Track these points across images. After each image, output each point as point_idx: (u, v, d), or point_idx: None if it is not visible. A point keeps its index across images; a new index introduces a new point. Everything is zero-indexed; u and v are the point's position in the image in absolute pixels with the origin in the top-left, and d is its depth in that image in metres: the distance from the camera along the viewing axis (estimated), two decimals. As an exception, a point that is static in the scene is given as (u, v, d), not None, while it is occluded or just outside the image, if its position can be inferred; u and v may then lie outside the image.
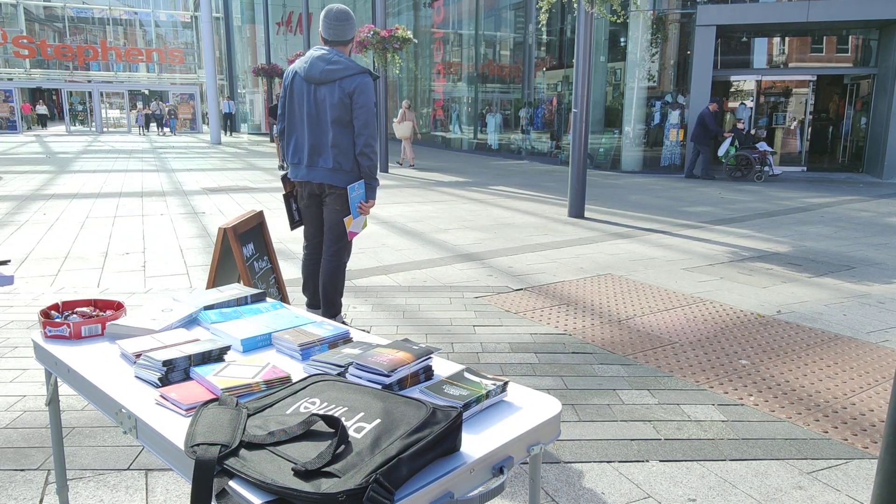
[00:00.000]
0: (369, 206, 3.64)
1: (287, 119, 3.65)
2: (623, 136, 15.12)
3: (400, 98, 27.84)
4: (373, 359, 1.43)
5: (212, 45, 25.32)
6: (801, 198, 10.51)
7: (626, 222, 8.08)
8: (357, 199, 3.58)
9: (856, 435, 2.74)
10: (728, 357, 3.61)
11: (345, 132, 3.49)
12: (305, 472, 1.01)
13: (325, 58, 3.47)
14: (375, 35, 12.80)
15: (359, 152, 3.51)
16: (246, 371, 1.46)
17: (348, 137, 3.50)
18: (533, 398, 1.42)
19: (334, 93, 3.43)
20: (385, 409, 1.18)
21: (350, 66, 3.45)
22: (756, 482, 2.37)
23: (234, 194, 10.26)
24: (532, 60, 18.81)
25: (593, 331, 4.02)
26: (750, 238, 7.07)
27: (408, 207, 9.15)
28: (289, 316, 1.87)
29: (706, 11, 13.42)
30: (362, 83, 3.43)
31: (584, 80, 8.18)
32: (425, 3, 24.94)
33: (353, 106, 3.45)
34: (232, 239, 3.13)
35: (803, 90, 15.19)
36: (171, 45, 39.24)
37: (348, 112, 3.46)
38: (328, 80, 3.43)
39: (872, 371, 3.43)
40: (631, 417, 2.88)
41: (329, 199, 3.60)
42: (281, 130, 3.70)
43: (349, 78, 3.43)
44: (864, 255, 6.20)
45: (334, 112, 3.44)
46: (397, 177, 13.33)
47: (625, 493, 2.30)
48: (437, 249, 6.40)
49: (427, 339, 3.83)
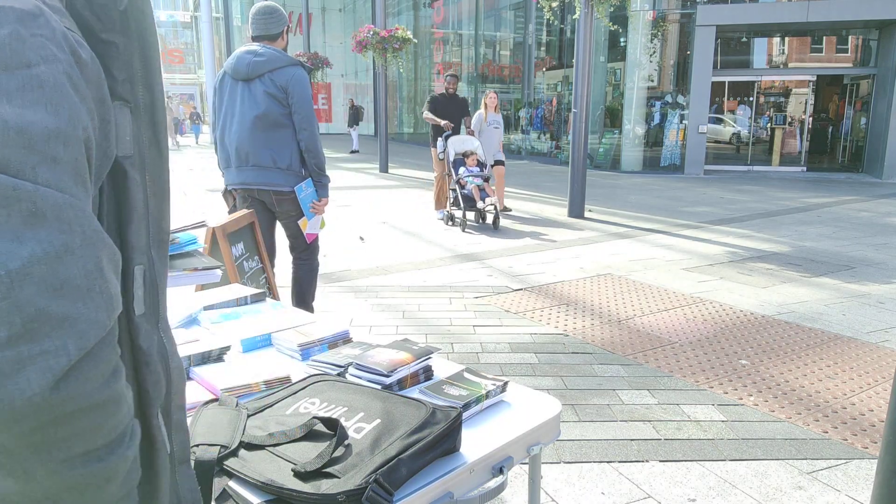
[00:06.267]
0: (323, 205, 3.41)
1: (219, 123, 3.38)
2: (623, 136, 15.12)
3: (400, 98, 27.80)
4: (373, 359, 1.43)
5: (212, 45, 25.32)
6: (801, 198, 10.51)
7: (626, 222, 8.08)
8: (308, 198, 3.35)
9: (856, 435, 2.74)
10: (728, 357, 3.60)
11: (281, 128, 3.25)
12: (305, 472, 1.01)
13: (251, 51, 3.24)
14: (375, 35, 12.80)
15: (304, 149, 3.26)
16: (246, 371, 1.46)
17: (284, 133, 3.26)
18: (533, 398, 1.42)
19: (266, 87, 3.19)
20: (385, 410, 1.18)
21: (277, 58, 3.20)
22: (756, 482, 2.37)
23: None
24: (532, 60, 18.82)
25: (593, 331, 4.02)
26: (750, 238, 7.07)
27: (408, 207, 9.15)
28: (288, 316, 1.86)
29: (706, 11, 13.42)
30: (296, 75, 3.20)
31: (584, 80, 8.18)
32: (425, 3, 24.94)
33: (289, 101, 3.21)
34: (220, 238, 3.11)
35: (803, 90, 15.19)
36: (171, 45, 39.25)
37: (282, 106, 3.21)
38: (256, 73, 3.19)
39: (872, 371, 3.43)
40: (631, 417, 2.88)
41: (280, 207, 3.35)
42: (217, 138, 3.42)
43: (280, 70, 3.19)
44: (864, 255, 6.20)
45: (264, 107, 3.19)
46: (397, 177, 13.33)
47: (625, 493, 2.30)
48: (437, 249, 6.40)
49: (427, 339, 3.82)
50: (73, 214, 0.52)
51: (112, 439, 0.56)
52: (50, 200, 0.50)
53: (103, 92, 0.60)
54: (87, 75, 0.57)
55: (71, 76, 0.55)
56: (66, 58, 0.55)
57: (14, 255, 0.48)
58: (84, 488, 0.55)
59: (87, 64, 0.58)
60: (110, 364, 0.54)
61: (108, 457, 0.55)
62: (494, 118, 8.56)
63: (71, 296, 0.51)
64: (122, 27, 0.63)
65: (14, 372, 0.48)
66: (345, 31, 31.37)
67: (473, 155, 7.89)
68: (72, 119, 0.54)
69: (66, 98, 0.53)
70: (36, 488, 0.52)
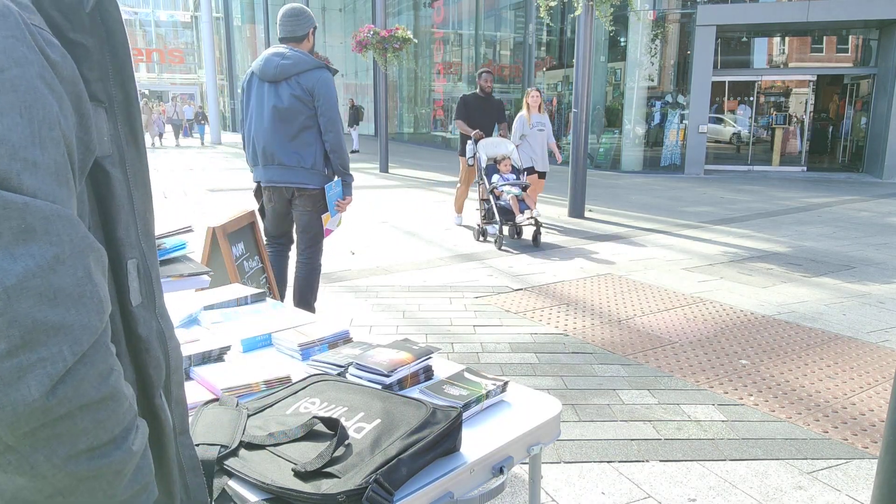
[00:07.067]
0: (347, 203, 3.57)
1: (247, 121, 3.53)
2: (623, 136, 15.12)
3: (400, 98, 27.79)
4: (373, 359, 1.43)
5: (212, 45, 25.32)
6: (801, 198, 10.51)
7: (627, 222, 8.07)
8: (334, 196, 3.52)
9: (856, 435, 2.74)
10: (728, 357, 3.60)
11: (306, 129, 3.38)
12: (305, 472, 1.01)
13: (278, 54, 3.38)
14: (375, 35, 12.80)
15: (329, 149, 3.41)
16: (246, 371, 1.46)
17: (310, 135, 3.39)
18: (533, 398, 1.42)
19: (293, 89, 3.32)
20: (385, 410, 1.18)
21: (303, 60, 3.33)
22: (756, 482, 2.37)
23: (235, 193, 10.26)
24: (532, 60, 18.80)
25: (593, 331, 4.02)
26: (750, 238, 7.07)
27: (408, 207, 9.16)
28: (289, 316, 1.86)
29: (706, 11, 13.41)
30: (322, 78, 3.32)
31: (584, 80, 8.18)
32: (425, 3, 24.94)
33: (315, 103, 3.34)
34: (220, 238, 3.12)
35: (803, 90, 15.19)
36: (171, 45, 39.26)
37: (307, 108, 3.34)
38: (283, 76, 3.33)
39: (872, 371, 3.43)
40: (631, 417, 2.88)
41: (299, 201, 3.49)
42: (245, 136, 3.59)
43: (306, 73, 3.32)
44: (864, 255, 6.20)
45: (294, 109, 3.33)
46: (397, 177, 13.33)
47: (625, 493, 2.30)
48: (437, 249, 6.40)
49: (427, 339, 3.83)
50: (61, 225, 0.54)
51: (116, 435, 0.58)
52: (38, 214, 0.52)
53: (79, 87, 0.61)
54: (61, 72, 0.58)
55: (44, 76, 0.55)
56: (38, 58, 0.55)
57: (9, 272, 0.50)
58: (93, 482, 0.58)
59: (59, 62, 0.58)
60: (106, 364, 0.57)
61: (113, 452, 0.58)
62: (539, 119, 7.57)
63: (64, 304, 0.53)
64: (90, 28, 0.64)
65: (15, 380, 0.51)
66: (345, 31, 31.37)
67: (507, 159, 6.96)
68: (47, 120, 0.54)
69: (41, 100, 0.54)
70: (45, 484, 0.55)
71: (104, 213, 0.67)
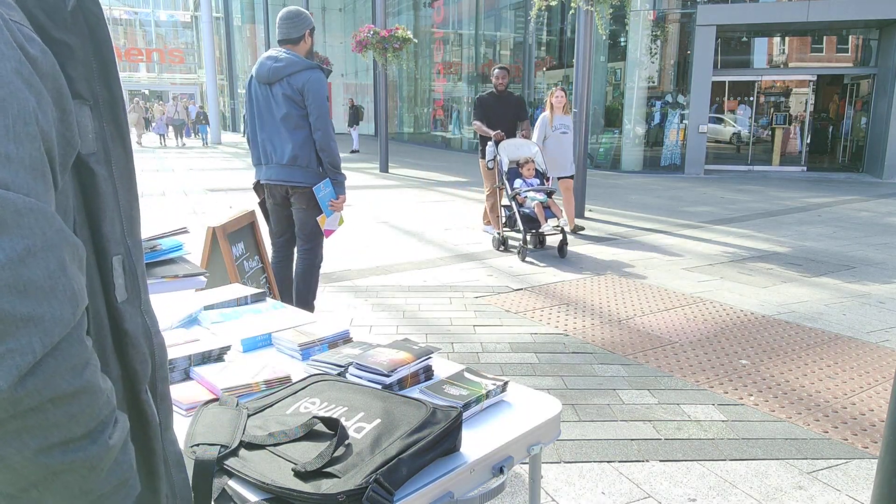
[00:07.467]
0: (341, 203, 3.62)
1: (249, 122, 3.67)
2: (623, 136, 15.12)
3: (400, 98, 27.80)
4: (373, 359, 1.43)
5: (212, 45, 25.32)
6: (801, 198, 10.51)
7: (627, 222, 8.07)
8: (326, 197, 3.57)
9: (856, 435, 2.74)
10: (728, 357, 3.60)
11: (300, 129, 3.47)
12: (305, 472, 1.01)
13: (272, 56, 3.49)
14: (375, 35, 12.80)
15: (318, 148, 3.49)
16: (246, 371, 1.46)
17: (304, 134, 3.48)
18: (533, 398, 1.42)
19: (285, 90, 3.43)
20: (385, 409, 1.18)
21: (294, 62, 3.41)
22: (756, 482, 2.37)
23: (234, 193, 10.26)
24: (532, 60, 18.81)
25: (593, 331, 4.02)
26: (750, 238, 7.07)
27: (408, 207, 9.15)
28: (289, 316, 1.86)
29: (706, 11, 13.41)
30: (311, 78, 3.40)
31: (584, 80, 8.18)
32: (425, 3, 24.94)
33: (305, 102, 3.43)
34: (220, 238, 3.12)
35: (803, 90, 15.19)
36: (171, 45, 39.26)
37: (299, 108, 3.43)
38: (276, 77, 3.44)
39: (872, 371, 3.43)
40: (631, 417, 2.88)
41: (294, 198, 3.58)
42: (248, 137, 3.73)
43: (297, 74, 3.41)
44: (864, 255, 6.20)
45: (285, 109, 3.43)
46: (397, 177, 13.33)
47: (625, 493, 2.30)
48: (437, 249, 6.40)
49: (427, 339, 3.83)
50: (34, 218, 0.53)
51: (91, 429, 0.58)
52: (10, 207, 0.51)
53: (60, 83, 0.60)
54: (40, 68, 0.58)
55: (21, 72, 0.55)
56: (15, 53, 0.54)
57: None
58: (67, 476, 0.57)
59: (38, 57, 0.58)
60: (80, 357, 0.56)
61: (89, 446, 0.58)
62: (562, 121, 7.05)
63: (35, 296, 0.52)
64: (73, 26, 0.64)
65: None
66: (345, 31, 31.37)
67: (530, 163, 6.36)
68: (22, 115, 0.54)
69: (16, 94, 0.53)
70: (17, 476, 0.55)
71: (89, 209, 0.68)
